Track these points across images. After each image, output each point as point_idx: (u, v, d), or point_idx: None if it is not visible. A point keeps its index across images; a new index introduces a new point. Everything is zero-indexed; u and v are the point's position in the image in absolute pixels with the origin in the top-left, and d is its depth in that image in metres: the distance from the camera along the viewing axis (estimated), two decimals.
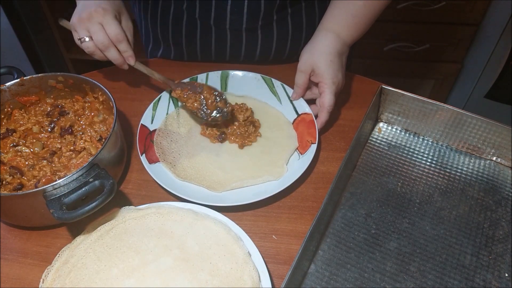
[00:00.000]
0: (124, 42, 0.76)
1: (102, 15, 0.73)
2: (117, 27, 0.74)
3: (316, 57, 0.75)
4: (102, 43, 0.74)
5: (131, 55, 0.78)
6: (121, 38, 0.75)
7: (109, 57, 0.77)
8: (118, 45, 0.76)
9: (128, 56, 0.78)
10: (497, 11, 1.56)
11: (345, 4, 0.76)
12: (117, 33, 0.74)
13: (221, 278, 0.55)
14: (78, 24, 0.74)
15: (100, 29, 0.73)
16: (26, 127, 0.74)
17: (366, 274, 0.61)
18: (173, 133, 0.80)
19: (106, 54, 0.76)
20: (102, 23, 0.74)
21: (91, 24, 0.73)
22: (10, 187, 0.65)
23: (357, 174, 0.74)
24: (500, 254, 0.63)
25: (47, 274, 0.56)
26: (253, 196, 0.67)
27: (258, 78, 0.86)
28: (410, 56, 1.74)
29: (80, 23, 0.74)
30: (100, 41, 0.74)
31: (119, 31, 0.74)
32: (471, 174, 0.74)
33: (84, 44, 0.75)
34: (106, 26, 0.74)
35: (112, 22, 0.74)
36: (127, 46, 0.77)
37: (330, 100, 0.75)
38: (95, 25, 0.73)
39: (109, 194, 0.57)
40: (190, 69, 0.95)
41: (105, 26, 0.74)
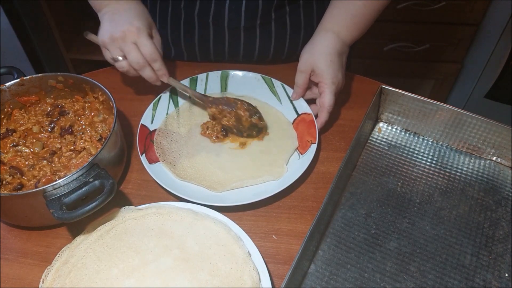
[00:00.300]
0: (158, 61, 0.75)
1: (136, 34, 0.72)
2: (151, 46, 0.73)
3: (316, 57, 0.75)
4: (138, 63, 0.73)
5: (164, 73, 0.77)
6: (156, 57, 0.74)
7: (144, 76, 0.76)
8: (152, 64, 0.75)
9: (162, 74, 0.77)
10: (497, 11, 1.56)
11: (345, 4, 0.76)
12: (152, 53, 0.73)
13: (221, 278, 0.55)
14: (110, 43, 0.73)
15: (134, 49, 0.72)
16: (26, 127, 0.74)
17: (366, 274, 0.61)
18: (173, 133, 0.80)
19: (141, 73, 0.76)
20: (137, 43, 0.72)
21: (125, 44, 0.72)
22: (10, 187, 0.65)
23: (357, 174, 0.74)
24: (500, 254, 0.63)
25: (47, 274, 0.56)
26: (253, 196, 0.67)
27: (258, 78, 0.86)
28: (410, 56, 1.74)
29: (113, 42, 0.72)
30: (136, 61, 0.73)
31: (154, 50, 0.73)
32: (471, 174, 0.74)
33: (118, 63, 0.74)
34: (141, 46, 0.72)
35: (147, 41, 0.72)
36: (161, 65, 0.75)
37: (330, 100, 0.75)
38: (129, 45, 0.72)
39: (109, 194, 0.57)
40: (191, 69, 0.95)
41: (139, 45, 0.72)
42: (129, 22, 0.72)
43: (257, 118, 0.77)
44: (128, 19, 0.73)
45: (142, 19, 0.74)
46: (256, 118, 0.77)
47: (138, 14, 0.75)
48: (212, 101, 0.79)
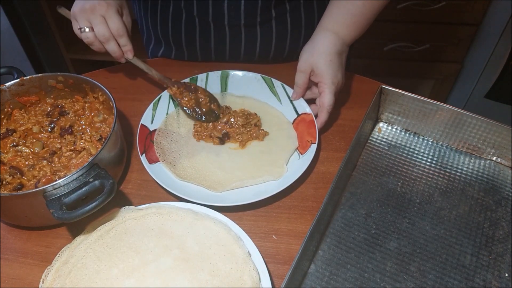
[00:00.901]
0: (124, 37, 0.78)
1: (105, 8, 0.75)
2: (119, 21, 0.76)
3: (316, 57, 0.75)
4: (103, 36, 0.76)
5: (130, 49, 0.80)
6: (122, 32, 0.77)
7: (108, 50, 0.79)
8: (118, 39, 0.78)
9: (127, 50, 0.80)
10: (497, 11, 1.56)
11: (344, 3, 0.76)
12: (118, 27, 0.76)
13: (221, 278, 0.55)
14: (80, 14, 0.76)
15: (102, 21, 0.75)
16: (26, 127, 0.74)
17: (366, 274, 0.61)
18: (173, 133, 0.80)
19: (106, 47, 0.78)
20: (105, 16, 0.75)
21: (94, 16, 0.75)
22: (10, 187, 0.65)
23: (357, 174, 0.74)
24: (500, 254, 0.63)
25: (47, 274, 0.56)
26: (253, 196, 0.67)
27: (258, 78, 0.86)
28: (410, 56, 1.74)
29: (82, 13, 0.75)
30: (101, 34, 0.76)
31: (121, 25, 0.76)
32: (471, 174, 0.74)
33: (84, 34, 0.76)
34: (109, 20, 0.75)
35: (115, 16, 0.76)
36: (126, 40, 0.79)
37: (329, 100, 0.75)
38: (97, 17, 0.75)
39: (109, 194, 0.57)
40: (191, 69, 0.95)
41: (107, 19, 0.75)
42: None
43: (215, 105, 0.80)
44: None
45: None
46: (215, 104, 0.80)
47: None
48: (173, 82, 0.82)
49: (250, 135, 0.78)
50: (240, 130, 0.79)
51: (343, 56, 0.78)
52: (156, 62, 1.00)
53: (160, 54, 1.02)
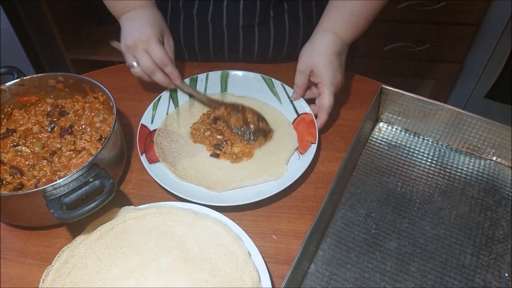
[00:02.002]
0: (169, 65, 0.79)
1: (146, 42, 0.76)
2: (161, 52, 0.77)
3: (315, 58, 0.75)
4: (148, 69, 0.78)
5: (176, 76, 0.81)
6: (166, 62, 0.78)
7: (156, 80, 0.80)
8: (164, 68, 0.79)
9: (174, 78, 0.81)
10: (497, 11, 1.56)
11: (343, 3, 0.76)
12: (161, 58, 0.77)
13: (221, 278, 0.55)
14: (126, 50, 0.79)
15: (145, 56, 0.77)
16: (26, 127, 0.74)
17: (366, 274, 0.61)
18: (173, 133, 0.80)
19: (153, 78, 0.80)
20: (148, 50, 0.77)
21: (137, 51, 0.77)
22: (10, 187, 0.65)
23: (357, 174, 0.74)
24: (500, 254, 0.63)
25: (47, 274, 0.56)
26: (253, 196, 0.67)
27: (258, 78, 0.86)
28: (410, 56, 1.74)
29: (127, 49, 0.78)
30: (146, 67, 0.77)
31: (163, 55, 0.77)
32: (471, 174, 0.74)
33: (133, 69, 0.79)
34: (152, 53, 0.77)
35: (156, 47, 0.77)
36: (172, 68, 0.80)
37: (329, 101, 0.75)
38: (140, 52, 0.77)
39: (109, 194, 0.57)
40: (191, 69, 0.95)
41: (150, 52, 0.77)
42: (141, 30, 0.77)
43: (264, 123, 0.79)
44: (140, 28, 0.78)
45: (153, 27, 0.79)
46: (264, 122, 0.79)
47: (150, 22, 0.79)
48: (221, 103, 0.81)
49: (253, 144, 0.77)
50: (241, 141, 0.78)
51: (343, 56, 0.78)
52: None
53: None
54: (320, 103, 0.76)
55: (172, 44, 0.84)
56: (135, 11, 0.81)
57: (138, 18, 0.80)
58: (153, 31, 0.78)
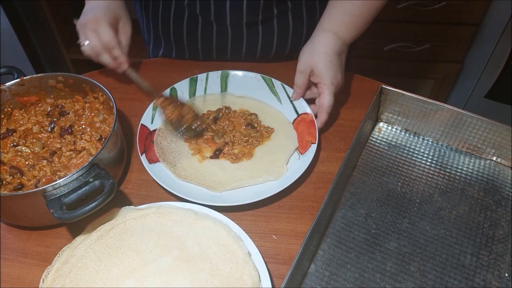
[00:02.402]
0: (115, 49, 0.80)
1: (95, 22, 0.78)
2: (109, 34, 0.78)
3: (316, 58, 0.75)
4: (94, 49, 0.78)
5: (122, 61, 0.81)
6: (112, 45, 0.79)
7: (102, 62, 0.81)
8: (111, 51, 0.79)
9: (120, 62, 0.81)
10: (497, 11, 1.56)
11: (344, 3, 0.76)
12: (109, 40, 0.78)
13: (221, 278, 0.55)
14: (79, 28, 0.80)
15: (93, 35, 0.78)
16: (26, 127, 0.74)
17: (366, 274, 0.61)
18: (173, 133, 0.79)
19: (99, 59, 0.80)
20: (96, 30, 0.78)
21: (87, 30, 0.78)
22: (10, 187, 0.65)
23: (357, 174, 0.74)
24: (500, 254, 0.63)
25: (47, 274, 0.56)
26: (253, 196, 0.67)
27: (258, 78, 0.86)
28: (410, 56, 1.74)
29: (80, 28, 0.79)
30: (93, 47, 0.78)
31: (110, 38, 0.78)
32: (471, 174, 0.74)
33: (82, 48, 0.80)
34: (100, 33, 0.78)
35: (105, 29, 0.78)
36: (119, 52, 0.80)
37: (329, 100, 0.75)
38: (89, 32, 0.78)
39: (109, 194, 0.57)
40: (192, 68, 0.95)
41: (98, 32, 0.78)
42: (94, 11, 0.79)
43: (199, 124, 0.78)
44: (94, 9, 0.79)
45: (107, 11, 0.80)
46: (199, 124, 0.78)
47: (106, 6, 0.81)
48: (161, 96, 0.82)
49: (252, 143, 0.77)
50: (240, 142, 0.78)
51: (343, 56, 0.78)
52: (157, 62, 1.00)
53: (160, 54, 1.02)
54: (320, 103, 0.76)
55: (128, 31, 0.84)
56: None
57: (97, 1, 0.81)
58: (106, 14, 0.79)
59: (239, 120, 0.81)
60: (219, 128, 0.80)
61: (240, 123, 0.80)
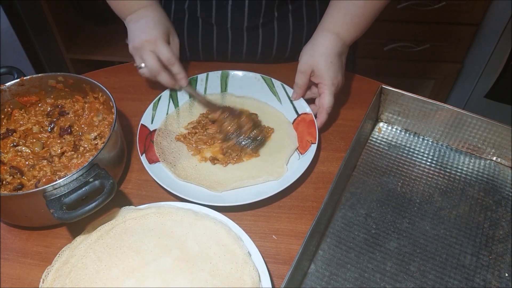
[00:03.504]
0: (176, 65, 0.79)
1: (153, 43, 0.77)
2: (167, 52, 0.77)
3: (316, 58, 0.75)
4: (154, 69, 0.78)
5: (183, 76, 0.81)
6: (172, 62, 0.78)
7: (161, 81, 0.80)
8: (170, 67, 0.79)
9: (180, 78, 0.81)
10: (497, 11, 1.56)
11: (345, 4, 0.76)
12: (168, 58, 0.78)
13: (221, 278, 0.55)
14: (133, 52, 0.79)
15: (152, 56, 0.77)
16: (26, 127, 0.74)
17: (366, 274, 0.61)
18: (173, 133, 0.80)
19: (158, 78, 0.80)
20: (155, 51, 0.77)
21: (144, 52, 0.77)
22: (10, 187, 0.65)
23: (357, 174, 0.74)
24: (500, 254, 0.63)
25: (47, 274, 0.56)
26: (253, 196, 0.67)
27: (258, 78, 0.86)
28: (410, 56, 1.74)
29: (135, 51, 0.79)
30: (152, 68, 0.78)
31: (170, 55, 0.78)
32: (471, 174, 0.74)
33: (141, 70, 0.79)
34: (159, 54, 0.77)
35: (163, 48, 0.77)
36: (179, 68, 0.80)
37: (329, 101, 0.75)
38: (147, 53, 0.77)
39: (109, 194, 0.57)
40: (192, 69, 0.95)
41: (157, 53, 0.77)
42: (147, 32, 0.78)
43: (258, 130, 0.77)
44: (146, 29, 0.78)
45: (159, 27, 0.80)
46: (258, 131, 0.77)
47: (156, 22, 0.80)
48: (219, 107, 0.81)
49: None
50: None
51: (343, 56, 0.78)
52: None
53: None
54: (320, 103, 0.76)
55: (177, 42, 0.85)
56: (140, 12, 0.82)
57: (144, 19, 0.80)
58: (159, 31, 0.78)
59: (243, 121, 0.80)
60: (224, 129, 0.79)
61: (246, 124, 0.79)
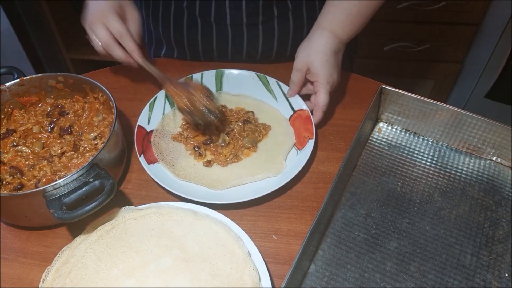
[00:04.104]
0: (126, 38, 0.75)
1: (102, 15, 0.75)
2: (116, 24, 0.75)
3: (312, 56, 0.75)
4: (106, 42, 0.75)
5: (134, 49, 0.77)
6: (123, 34, 0.75)
7: (114, 56, 0.77)
8: (121, 41, 0.76)
9: (131, 50, 0.77)
10: (497, 11, 1.56)
11: (341, 2, 0.76)
12: (117, 30, 0.75)
13: (221, 278, 0.55)
14: (86, 27, 0.77)
15: (102, 28, 0.75)
16: (26, 127, 0.74)
17: (366, 274, 0.61)
18: (170, 133, 0.80)
19: (112, 54, 0.77)
20: (104, 23, 0.75)
21: (94, 25, 0.75)
22: (10, 187, 0.65)
23: (357, 174, 0.74)
24: (500, 254, 0.63)
25: (47, 274, 0.56)
26: (253, 193, 0.67)
27: (253, 76, 0.86)
28: (410, 56, 1.74)
29: (87, 26, 0.77)
30: (103, 40, 0.75)
31: (118, 27, 0.75)
32: (471, 174, 0.74)
33: (93, 44, 0.77)
34: (108, 25, 0.75)
35: (113, 19, 0.74)
36: (131, 42, 0.76)
37: (324, 99, 0.75)
38: (98, 25, 0.75)
39: (109, 194, 0.57)
40: (192, 69, 0.94)
41: (107, 24, 0.75)
42: (98, 6, 0.76)
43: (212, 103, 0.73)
44: (98, 4, 0.76)
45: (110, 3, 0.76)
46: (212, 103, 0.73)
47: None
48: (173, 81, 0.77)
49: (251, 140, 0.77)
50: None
51: (339, 55, 0.79)
52: (158, 62, 1.00)
53: (162, 54, 1.02)
54: (316, 101, 0.77)
55: (136, 19, 0.81)
56: None
57: None
58: (110, 4, 0.76)
59: (236, 117, 0.80)
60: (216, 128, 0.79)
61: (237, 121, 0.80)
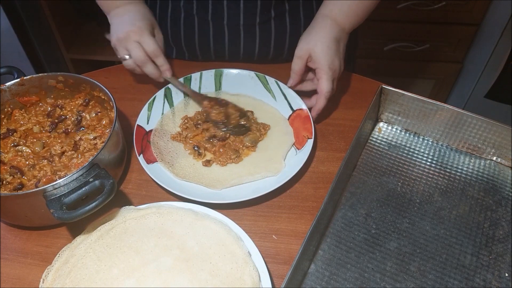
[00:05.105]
0: (160, 57, 0.79)
1: (138, 34, 0.77)
2: (153, 43, 0.78)
3: (313, 43, 0.75)
4: (140, 60, 0.78)
5: (167, 68, 0.81)
6: (157, 54, 0.79)
7: (147, 72, 0.80)
8: (155, 59, 0.79)
9: (165, 70, 0.81)
10: (497, 11, 1.56)
11: None
12: (154, 49, 0.78)
13: (221, 278, 0.55)
14: (117, 44, 0.79)
15: (137, 47, 0.77)
16: (27, 127, 0.74)
17: (366, 274, 0.61)
18: (169, 132, 0.80)
19: (144, 69, 0.80)
20: (140, 42, 0.78)
21: (129, 43, 0.77)
22: (10, 187, 0.65)
23: (357, 174, 0.74)
24: (500, 254, 0.63)
25: (47, 274, 0.56)
26: (253, 193, 0.67)
27: (252, 76, 0.86)
28: (410, 56, 1.74)
29: (120, 42, 0.79)
30: (138, 58, 0.78)
31: (156, 46, 0.78)
32: (471, 174, 0.74)
33: (125, 62, 0.80)
34: (144, 44, 0.78)
35: (148, 39, 0.78)
36: (163, 60, 0.80)
37: (327, 86, 0.75)
38: (132, 44, 0.77)
39: (109, 194, 0.57)
40: (191, 68, 0.94)
41: (142, 43, 0.78)
42: (132, 23, 0.79)
43: (246, 119, 0.80)
44: (132, 21, 0.79)
45: (144, 20, 0.81)
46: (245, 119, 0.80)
47: (141, 15, 0.81)
48: (206, 97, 0.83)
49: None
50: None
51: (341, 43, 0.78)
52: None
53: None
54: (318, 88, 0.76)
55: (161, 37, 0.86)
56: (125, 6, 0.83)
57: (128, 13, 0.82)
58: (145, 24, 0.80)
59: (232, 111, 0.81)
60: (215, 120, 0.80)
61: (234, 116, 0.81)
